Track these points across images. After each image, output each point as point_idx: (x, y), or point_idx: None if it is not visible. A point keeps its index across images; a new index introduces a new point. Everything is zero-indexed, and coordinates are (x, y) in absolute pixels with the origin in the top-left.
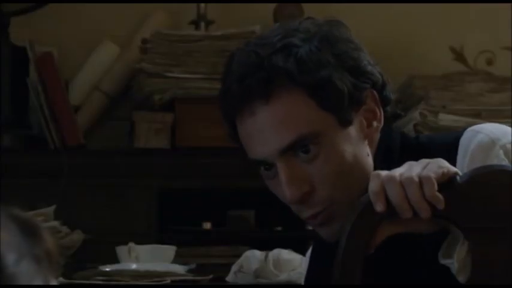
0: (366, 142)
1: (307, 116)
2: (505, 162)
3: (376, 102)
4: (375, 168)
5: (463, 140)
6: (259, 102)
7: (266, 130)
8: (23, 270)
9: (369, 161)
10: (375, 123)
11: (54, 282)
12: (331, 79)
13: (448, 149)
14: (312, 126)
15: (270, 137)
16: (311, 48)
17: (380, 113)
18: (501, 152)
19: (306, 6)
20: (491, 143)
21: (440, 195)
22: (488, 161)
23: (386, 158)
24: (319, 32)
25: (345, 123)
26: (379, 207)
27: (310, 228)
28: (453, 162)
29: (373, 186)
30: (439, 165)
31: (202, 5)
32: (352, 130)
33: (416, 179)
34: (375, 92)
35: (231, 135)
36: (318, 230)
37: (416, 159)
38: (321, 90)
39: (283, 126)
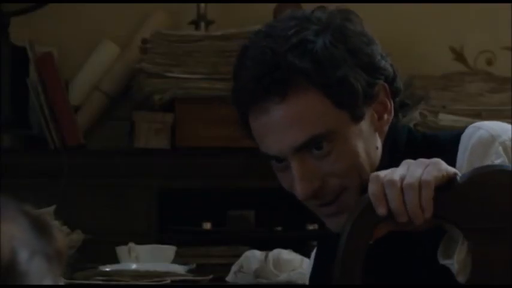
0: (377, 134)
1: (322, 115)
2: (503, 158)
3: (387, 95)
4: (382, 160)
5: (464, 136)
6: (275, 101)
7: (281, 128)
8: (35, 268)
9: (378, 153)
10: (385, 116)
11: (61, 283)
12: (347, 78)
13: (450, 145)
14: (326, 125)
15: (284, 135)
16: (325, 44)
17: (391, 105)
18: (500, 148)
19: (306, 7)
20: (491, 139)
21: (431, 204)
22: (488, 157)
23: (392, 151)
24: (332, 23)
25: (358, 118)
26: (381, 210)
27: (310, 228)
28: (454, 157)
29: (373, 189)
30: (438, 168)
31: (202, 5)
32: (364, 124)
33: (417, 186)
34: (386, 85)
35: (241, 125)
36: (327, 221)
37: (420, 154)
38: (337, 90)
39: (298, 126)
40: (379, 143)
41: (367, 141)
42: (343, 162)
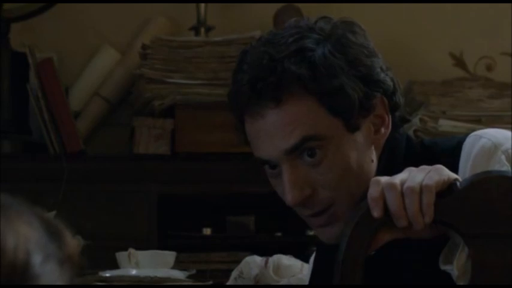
0: (372, 148)
1: (315, 119)
2: (506, 167)
3: (386, 108)
4: (379, 170)
5: (465, 145)
6: (269, 106)
7: (274, 131)
8: (48, 272)
9: (373, 167)
10: (382, 130)
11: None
12: (343, 88)
13: (451, 153)
14: (319, 129)
15: (276, 138)
16: (325, 53)
17: (388, 119)
18: (503, 157)
19: (306, 8)
20: (493, 148)
21: (432, 209)
22: (490, 165)
23: (391, 160)
24: (333, 34)
25: (353, 129)
26: (376, 213)
27: (310, 233)
28: (456, 166)
29: (372, 192)
30: (440, 173)
31: (202, 10)
32: (359, 136)
33: (418, 190)
34: (385, 98)
35: (238, 129)
36: (318, 232)
37: (419, 162)
38: (332, 98)
39: (290, 128)
40: (374, 156)
41: (361, 153)
42: (335, 171)
